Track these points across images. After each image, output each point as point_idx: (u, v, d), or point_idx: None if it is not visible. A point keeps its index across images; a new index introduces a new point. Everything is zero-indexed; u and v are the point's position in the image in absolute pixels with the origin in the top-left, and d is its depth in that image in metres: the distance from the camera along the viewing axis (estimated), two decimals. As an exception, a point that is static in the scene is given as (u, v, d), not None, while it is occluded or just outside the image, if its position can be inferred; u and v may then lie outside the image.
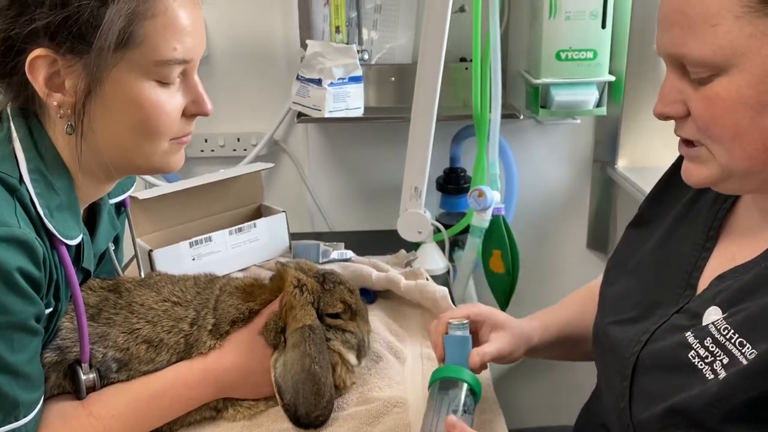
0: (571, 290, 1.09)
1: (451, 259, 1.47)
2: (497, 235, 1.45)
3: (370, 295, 1.27)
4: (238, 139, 1.75)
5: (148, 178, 1.65)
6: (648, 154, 1.68)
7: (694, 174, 0.74)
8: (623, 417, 0.77)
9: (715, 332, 0.69)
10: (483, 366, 0.89)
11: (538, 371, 1.93)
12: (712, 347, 0.68)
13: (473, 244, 1.43)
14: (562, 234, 1.84)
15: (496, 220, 1.43)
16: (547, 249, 1.85)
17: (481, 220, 1.40)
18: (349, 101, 1.54)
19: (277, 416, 0.93)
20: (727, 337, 0.67)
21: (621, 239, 0.95)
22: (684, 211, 0.86)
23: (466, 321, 0.89)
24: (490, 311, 0.94)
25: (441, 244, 1.44)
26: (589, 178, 1.79)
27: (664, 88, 0.72)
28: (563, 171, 1.79)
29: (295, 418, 0.90)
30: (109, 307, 0.93)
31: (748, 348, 0.65)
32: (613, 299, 0.88)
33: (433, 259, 1.40)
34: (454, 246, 1.56)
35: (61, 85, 0.80)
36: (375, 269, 1.27)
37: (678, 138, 0.75)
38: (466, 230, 1.47)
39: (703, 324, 0.72)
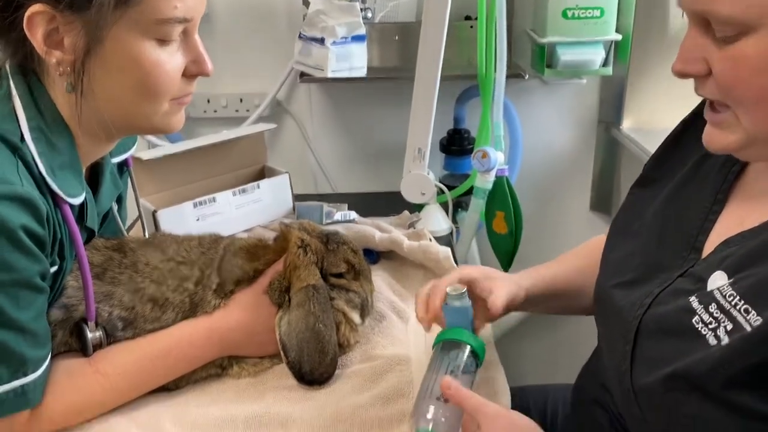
0: (574, 252, 1.08)
1: (454, 221, 1.47)
2: (501, 196, 1.45)
3: (374, 255, 1.27)
4: (241, 100, 1.74)
5: (151, 138, 1.65)
6: (654, 116, 1.66)
7: (716, 140, 0.72)
8: (624, 381, 0.77)
9: (720, 298, 0.68)
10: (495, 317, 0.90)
11: (540, 330, 1.94)
12: (717, 313, 0.67)
13: (477, 205, 1.43)
14: (565, 195, 1.84)
15: (499, 181, 1.42)
16: (550, 210, 1.85)
17: (485, 182, 1.40)
18: (352, 61, 1.52)
19: (282, 373, 0.94)
20: (732, 303, 0.66)
21: (625, 200, 0.93)
22: (691, 172, 0.84)
23: (463, 290, 0.87)
24: (480, 271, 0.93)
25: (444, 206, 1.44)
26: (593, 139, 1.78)
27: (685, 44, 0.69)
28: (568, 132, 1.78)
29: (299, 376, 0.91)
30: (114, 266, 0.93)
31: (753, 315, 0.64)
32: (616, 261, 0.87)
33: (436, 220, 1.40)
34: (457, 207, 1.56)
35: (60, 42, 0.79)
36: (378, 230, 1.28)
37: (690, 99, 0.73)
38: (469, 191, 1.46)
39: (708, 289, 0.71)
